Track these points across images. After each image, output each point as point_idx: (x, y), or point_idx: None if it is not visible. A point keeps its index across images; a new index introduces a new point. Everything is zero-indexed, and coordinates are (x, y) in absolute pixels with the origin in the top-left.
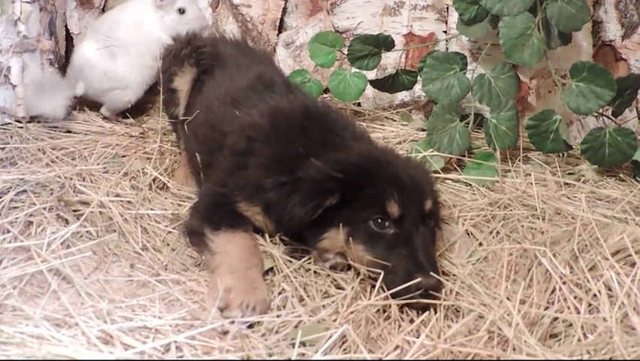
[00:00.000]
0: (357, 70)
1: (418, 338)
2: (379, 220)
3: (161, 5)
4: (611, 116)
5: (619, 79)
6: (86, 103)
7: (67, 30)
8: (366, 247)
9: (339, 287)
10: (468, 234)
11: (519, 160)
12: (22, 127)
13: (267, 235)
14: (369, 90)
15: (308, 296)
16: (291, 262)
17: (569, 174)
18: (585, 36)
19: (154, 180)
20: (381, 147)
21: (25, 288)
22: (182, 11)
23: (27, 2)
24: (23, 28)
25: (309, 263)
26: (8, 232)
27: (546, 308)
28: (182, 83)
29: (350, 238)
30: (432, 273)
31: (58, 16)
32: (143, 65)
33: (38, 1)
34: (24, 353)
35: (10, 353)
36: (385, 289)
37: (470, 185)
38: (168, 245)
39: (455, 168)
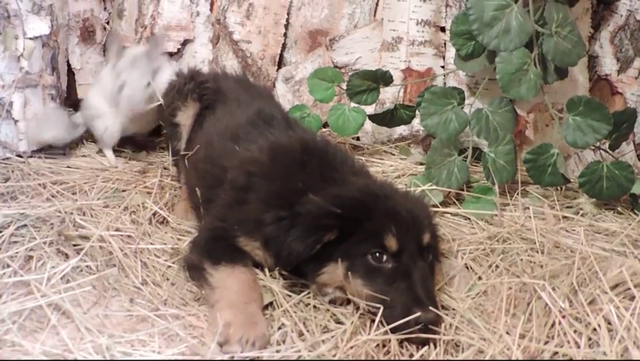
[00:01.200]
0: (356, 105)
1: None
2: (377, 254)
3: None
4: (608, 150)
5: (615, 113)
6: (88, 137)
7: (69, 65)
8: (364, 282)
9: (338, 322)
10: (467, 268)
11: (517, 194)
12: (23, 162)
13: (266, 270)
14: (368, 125)
15: (307, 331)
16: (290, 296)
17: (567, 207)
18: (581, 70)
19: (154, 214)
20: (379, 181)
21: (24, 323)
22: (121, 87)
23: (30, 38)
24: (26, 64)
25: (309, 297)
26: (8, 266)
27: (546, 343)
28: (185, 117)
29: (349, 273)
30: (431, 307)
31: (60, 52)
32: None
33: (41, 37)
34: None
35: None
36: (385, 324)
37: (469, 219)
38: (168, 280)
39: (454, 202)
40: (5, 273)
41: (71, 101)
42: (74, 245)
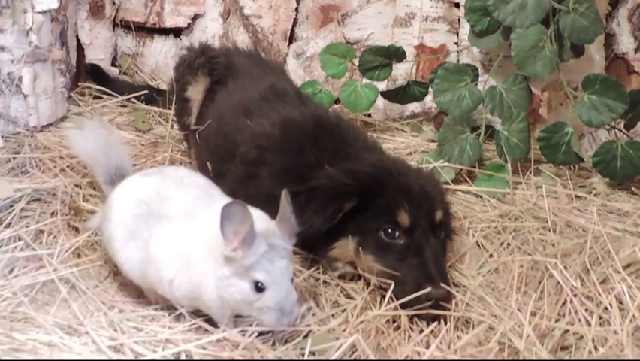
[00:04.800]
0: (368, 81)
1: (427, 348)
2: (389, 230)
3: None
4: (623, 130)
5: (632, 92)
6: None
7: (78, 40)
8: (376, 257)
9: (348, 297)
10: (478, 245)
11: (530, 172)
12: (33, 136)
13: None
14: (380, 101)
15: (318, 306)
16: (300, 271)
17: (580, 186)
18: (598, 49)
19: None
20: (392, 157)
21: (36, 296)
22: None
23: (39, 12)
24: (35, 38)
25: (319, 272)
26: (19, 240)
27: (557, 320)
28: (195, 92)
29: (360, 248)
30: (442, 284)
31: (69, 27)
32: None
33: (50, 11)
34: (36, 359)
35: (22, 359)
36: (395, 300)
37: (481, 196)
38: None
39: (466, 180)
40: (17, 247)
41: None
42: (85, 220)
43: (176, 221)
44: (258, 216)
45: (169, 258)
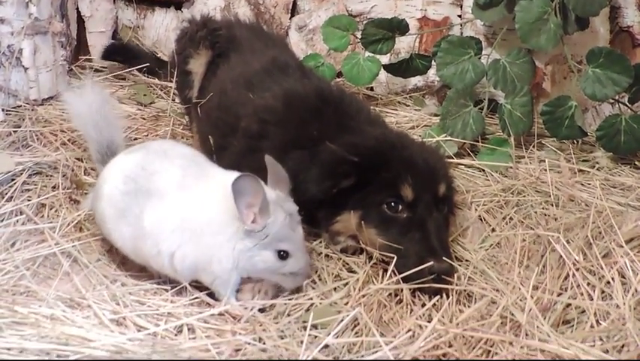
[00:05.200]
0: (371, 54)
1: (429, 322)
2: (393, 204)
3: None
4: (627, 103)
5: (636, 65)
6: None
7: (78, 13)
8: (378, 231)
9: (351, 271)
10: (481, 219)
11: (533, 146)
12: (34, 110)
13: None
14: (383, 75)
15: (320, 279)
16: None
17: (583, 161)
18: (602, 21)
19: None
20: (395, 131)
21: (38, 270)
22: None
23: None
24: (34, 9)
25: (321, 246)
26: (21, 213)
27: (559, 294)
28: (197, 65)
29: (362, 222)
30: (444, 257)
31: None
32: None
33: None
34: (38, 332)
35: (25, 333)
36: (397, 273)
37: (483, 170)
38: None
39: (469, 154)
40: (18, 220)
41: None
42: (86, 193)
43: (169, 195)
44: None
45: (168, 232)
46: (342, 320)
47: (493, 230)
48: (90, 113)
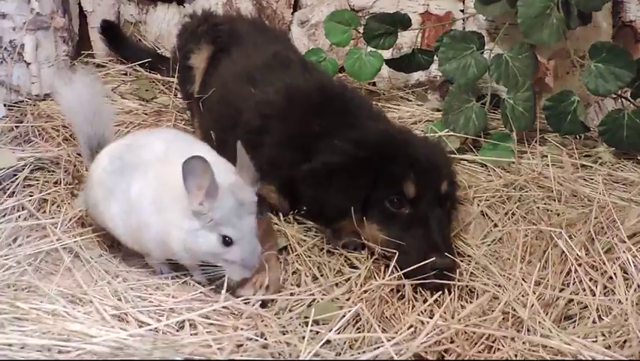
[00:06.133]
0: (373, 49)
1: (431, 318)
2: (395, 200)
3: None
4: (630, 98)
5: (639, 60)
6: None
7: (80, 8)
8: (380, 227)
9: (352, 266)
10: (483, 215)
11: (535, 141)
12: (35, 105)
13: (280, 214)
14: (385, 70)
15: (322, 275)
16: (304, 240)
17: (585, 156)
18: (605, 16)
19: None
20: (398, 126)
21: (40, 265)
22: None
23: None
24: (36, 5)
25: (323, 242)
26: (23, 209)
27: (561, 290)
28: (199, 60)
29: (365, 218)
30: (446, 253)
31: None
32: None
33: None
34: (39, 328)
35: (26, 328)
36: (399, 269)
37: (486, 166)
38: None
39: (471, 149)
40: (20, 216)
41: None
42: None
43: (152, 167)
44: (226, 169)
45: (147, 203)
46: (343, 316)
47: (496, 225)
48: (81, 106)
